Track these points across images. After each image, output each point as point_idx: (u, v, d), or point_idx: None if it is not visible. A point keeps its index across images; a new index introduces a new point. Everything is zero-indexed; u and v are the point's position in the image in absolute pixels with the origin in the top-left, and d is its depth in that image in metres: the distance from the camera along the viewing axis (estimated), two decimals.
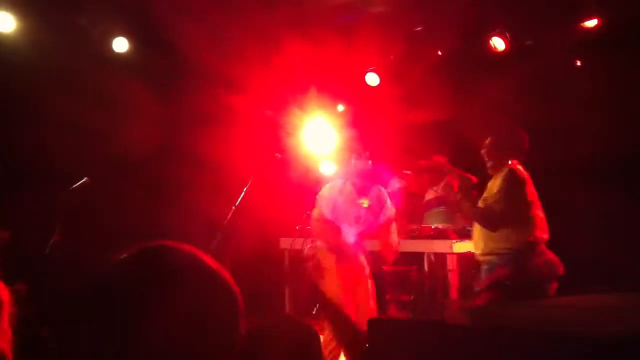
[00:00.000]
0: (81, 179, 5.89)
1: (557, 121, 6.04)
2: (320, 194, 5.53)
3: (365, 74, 7.81)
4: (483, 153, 4.89)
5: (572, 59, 6.92)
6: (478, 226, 4.85)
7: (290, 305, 7.09)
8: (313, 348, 2.09)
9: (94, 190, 5.89)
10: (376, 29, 6.71)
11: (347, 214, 5.45)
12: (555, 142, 5.14)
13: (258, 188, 5.54)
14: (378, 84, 7.82)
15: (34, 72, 6.69)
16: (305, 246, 6.09)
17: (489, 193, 4.78)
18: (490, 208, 4.70)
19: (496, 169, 4.84)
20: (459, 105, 7.01)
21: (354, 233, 5.39)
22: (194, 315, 1.10)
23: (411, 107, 7.16)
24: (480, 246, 4.82)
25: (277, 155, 5.78)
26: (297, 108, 7.24)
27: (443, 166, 5.35)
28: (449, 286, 6.01)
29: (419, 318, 4.16)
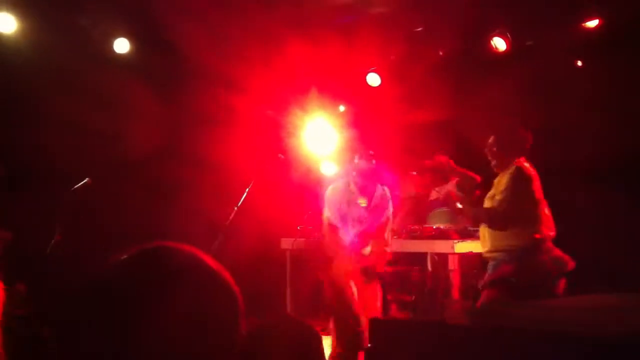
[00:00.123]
0: (82, 180, 5.90)
1: (558, 121, 6.04)
2: (326, 197, 5.52)
3: (366, 75, 7.81)
4: (487, 152, 4.87)
5: (573, 59, 6.92)
6: (485, 226, 4.83)
7: (291, 305, 7.09)
8: (313, 348, 2.10)
9: (95, 190, 5.89)
10: (377, 30, 6.71)
11: (349, 215, 5.45)
12: (555, 142, 5.14)
13: (259, 188, 5.54)
14: (379, 85, 7.82)
15: (35, 73, 6.69)
16: (308, 242, 6.11)
17: (496, 190, 4.76)
18: (494, 209, 4.69)
19: (501, 167, 4.81)
20: (460, 105, 7.00)
21: (354, 233, 5.39)
22: (194, 315, 1.10)
23: (412, 107, 7.15)
24: (486, 244, 4.81)
25: (280, 156, 5.77)
26: (298, 108, 7.24)
27: (446, 165, 5.34)
28: (451, 286, 6.01)
29: (420, 318, 4.17)
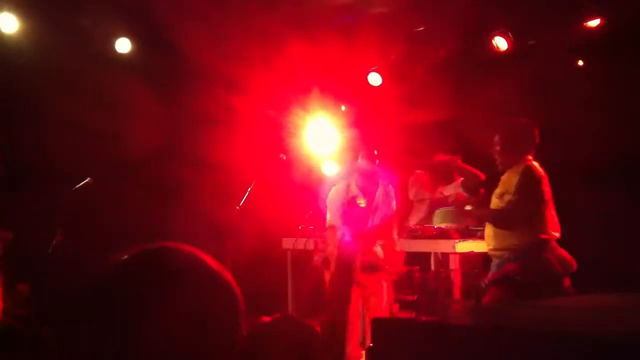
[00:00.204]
0: (83, 180, 5.90)
1: (558, 121, 6.03)
2: (328, 200, 5.52)
3: (367, 74, 7.81)
4: (494, 150, 4.83)
5: (574, 59, 6.91)
6: (490, 224, 4.81)
7: (292, 305, 7.09)
8: (313, 348, 2.10)
9: (96, 190, 5.90)
10: (377, 29, 6.71)
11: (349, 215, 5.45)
12: (555, 142, 5.14)
13: (261, 188, 5.54)
14: (380, 84, 7.82)
15: (36, 73, 6.70)
16: (308, 244, 6.10)
17: (505, 188, 4.73)
18: (505, 210, 4.67)
19: (509, 165, 4.78)
20: (461, 105, 7.00)
21: (353, 233, 5.39)
22: (195, 315, 1.11)
23: (413, 107, 7.15)
24: (491, 242, 4.79)
25: (281, 156, 5.77)
26: (299, 108, 7.24)
27: (453, 162, 5.32)
28: (452, 286, 6.00)
29: (422, 318, 4.16)
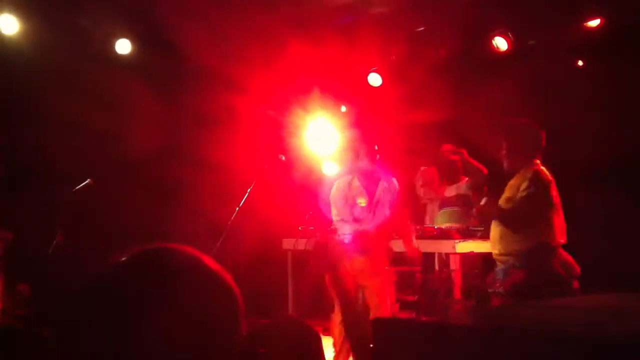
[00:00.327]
0: (84, 180, 5.90)
1: (559, 121, 6.03)
2: (331, 196, 5.52)
3: (367, 75, 7.81)
4: (500, 153, 4.82)
5: (574, 59, 6.91)
6: (497, 226, 4.80)
7: (292, 305, 7.10)
8: (313, 348, 2.10)
9: (97, 191, 5.90)
10: (378, 30, 6.71)
11: (349, 214, 5.46)
12: (556, 142, 5.13)
13: (261, 189, 5.54)
14: (380, 85, 7.82)
15: (37, 74, 6.70)
16: (309, 244, 6.10)
17: (512, 193, 4.72)
18: (515, 210, 4.66)
19: (517, 169, 4.77)
20: (461, 105, 7.00)
21: (352, 231, 5.39)
22: (194, 316, 1.11)
23: (413, 107, 7.15)
24: (497, 246, 4.77)
25: (281, 157, 5.77)
26: (300, 109, 7.25)
27: (460, 154, 5.31)
28: (453, 286, 6.00)
29: (423, 318, 4.17)
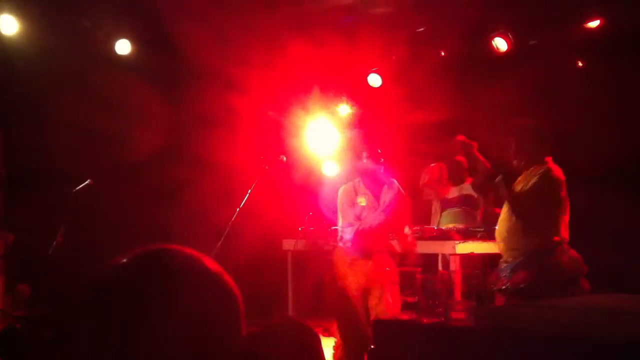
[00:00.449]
0: (84, 181, 5.90)
1: (559, 121, 6.03)
2: (339, 202, 5.52)
3: (367, 75, 7.80)
4: (509, 153, 4.83)
5: (575, 60, 6.90)
6: (504, 222, 4.82)
7: (293, 306, 7.09)
8: (314, 350, 2.09)
9: (97, 192, 5.89)
10: (378, 30, 6.71)
11: (348, 214, 5.46)
12: (557, 143, 5.14)
13: (261, 190, 5.54)
14: (380, 85, 7.81)
15: (37, 74, 6.70)
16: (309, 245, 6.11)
17: (521, 187, 4.74)
18: (524, 195, 4.68)
19: (526, 168, 4.78)
20: (462, 105, 7.00)
21: (353, 232, 5.39)
22: (195, 318, 1.11)
23: (414, 108, 7.15)
24: (505, 242, 4.79)
25: (282, 158, 5.76)
26: (301, 109, 7.24)
27: (470, 147, 5.29)
28: (453, 287, 5.99)
29: (424, 320, 4.16)
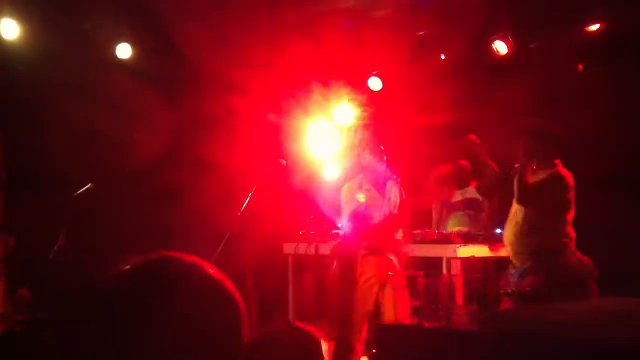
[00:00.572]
0: (85, 185, 5.90)
1: (561, 125, 6.02)
2: (343, 199, 5.52)
3: (368, 78, 7.79)
4: (519, 155, 4.84)
5: (576, 63, 6.90)
6: (512, 226, 4.83)
7: (294, 310, 7.07)
8: (315, 356, 2.09)
9: (98, 195, 5.90)
10: (379, 34, 6.71)
11: (348, 211, 5.47)
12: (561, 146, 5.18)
13: (262, 193, 5.54)
14: (382, 88, 7.80)
15: (38, 78, 6.69)
16: (310, 249, 6.09)
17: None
18: (530, 190, 4.70)
19: (537, 171, 4.80)
20: (464, 108, 6.99)
21: (352, 229, 5.39)
22: (196, 324, 1.11)
23: (415, 111, 7.15)
24: (513, 246, 4.81)
25: (283, 161, 5.76)
26: (301, 112, 7.24)
27: (480, 148, 5.30)
28: (455, 291, 5.98)
29: (426, 324, 4.16)
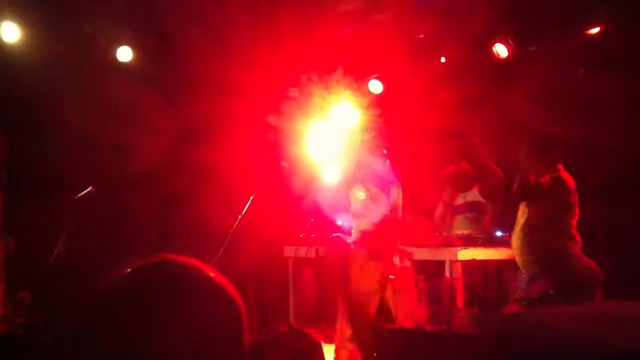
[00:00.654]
0: (86, 188, 5.90)
1: (561, 128, 6.03)
2: (353, 208, 5.52)
3: (369, 81, 7.79)
4: (521, 160, 4.86)
5: (576, 67, 6.90)
6: (519, 232, 4.84)
7: (294, 313, 7.07)
8: (315, 357, 2.09)
9: (99, 199, 5.89)
10: (380, 36, 6.72)
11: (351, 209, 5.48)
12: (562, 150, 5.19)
13: (263, 196, 5.54)
14: (382, 91, 7.80)
15: (38, 81, 6.69)
16: (310, 252, 6.09)
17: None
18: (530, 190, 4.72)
19: (538, 176, 4.82)
20: (463, 111, 6.99)
21: (352, 227, 5.39)
22: (197, 327, 1.11)
23: (415, 114, 7.16)
24: (520, 252, 4.82)
25: (284, 164, 5.77)
26: (301, 115, 7.23)
27: (484, 153, 5.31)
28: (455, 294, 5.97)
29: (427, 327, 4.16)
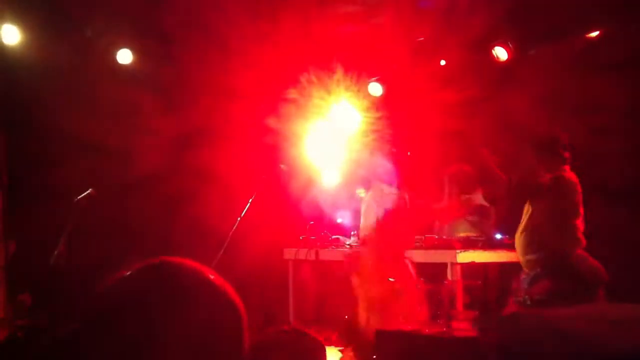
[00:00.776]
0: (86, 190, 5.89)
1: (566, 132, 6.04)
2: (365, 212, 5.53)
3: (369, 84, 7.79)
4: (526, 162, 4.88)
5: (575, 70, 6.91)
6: (522, 233, 4.85)
7: (294, 315, 7.07)
8: (316, 358, 2.09)
9: (99, 201, 5.89)
10: (380, 39, 6.73)
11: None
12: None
13: (262, 199, 5.54)
14: (382, 94, 7.81)
15: (39, 84, 6.70)
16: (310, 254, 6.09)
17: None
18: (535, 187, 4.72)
19: (544, 175, 4.83)
20: (463, 114, 7.00)
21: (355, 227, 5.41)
22: (198, 329, 1.11)
23: (415, 117, 7.16)
24: (523, 253, 4.82)
25: (283, 166, 5.78)
26: (301, 117, 7.24)
27: (491, 158, 5.31)
28: (455, 297, 5.97)
29: (426, 330, 4.15)
